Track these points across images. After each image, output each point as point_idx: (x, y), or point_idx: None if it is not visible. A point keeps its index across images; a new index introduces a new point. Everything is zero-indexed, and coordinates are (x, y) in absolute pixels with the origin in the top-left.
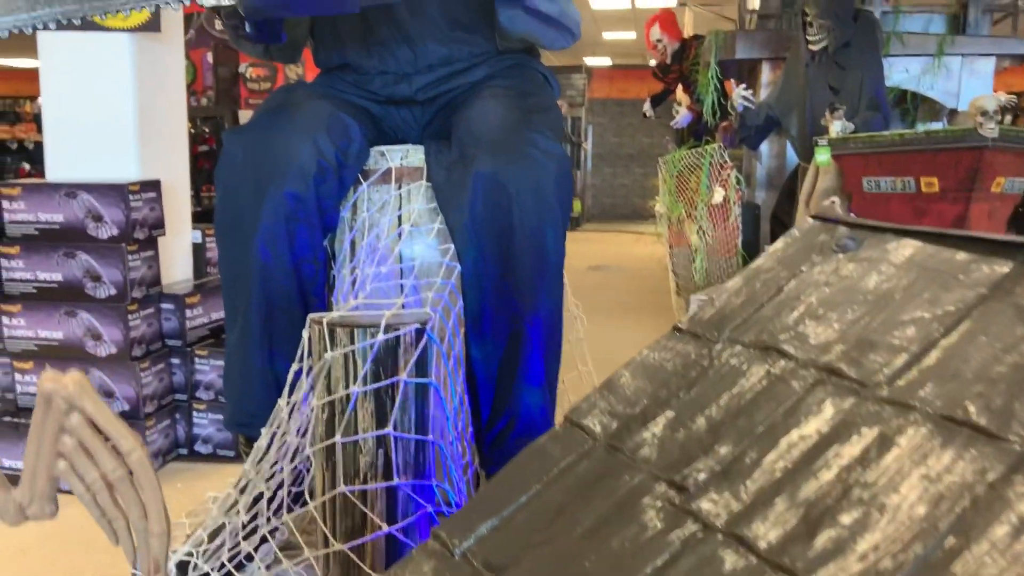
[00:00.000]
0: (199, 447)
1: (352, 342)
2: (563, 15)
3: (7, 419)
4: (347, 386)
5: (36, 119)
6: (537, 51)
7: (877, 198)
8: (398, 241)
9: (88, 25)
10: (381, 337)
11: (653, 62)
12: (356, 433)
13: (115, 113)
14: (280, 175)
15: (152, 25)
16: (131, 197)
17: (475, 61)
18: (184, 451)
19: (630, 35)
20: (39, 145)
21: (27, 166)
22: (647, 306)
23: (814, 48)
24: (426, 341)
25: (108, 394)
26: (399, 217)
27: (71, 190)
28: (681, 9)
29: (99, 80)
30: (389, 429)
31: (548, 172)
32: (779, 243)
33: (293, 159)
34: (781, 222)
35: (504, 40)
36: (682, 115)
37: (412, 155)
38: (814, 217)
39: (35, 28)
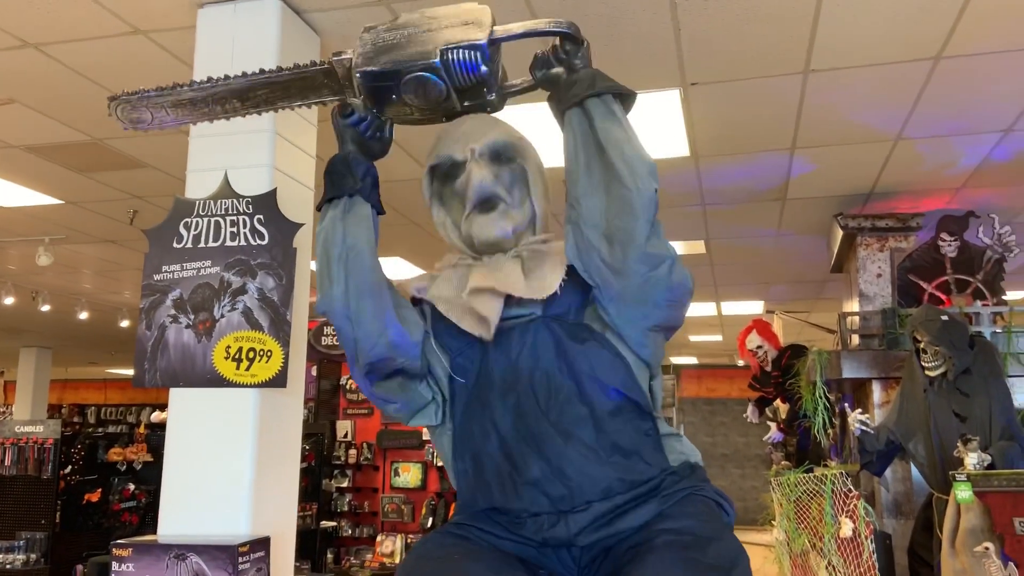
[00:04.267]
0: None
1: None
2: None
3: None
4: None
5: (147, 439)
6: (703, 470)
7: None
8: None
9: (219, 381)
10: None
11: (741, 362)
12: None
13: (233, 468)
14: None
15: (279, 380)
16: (240, 559)
17: (638, 494)
18: None
19: (716, 338)
20: (147, 465)
21: (132, 487)
22: None
23: (931, 374)
24: None
25: None
26: None
27: (181, 552)
28: (769, 316)
29: (222, 436)
30: None
31: None
32: None
33: None
34: (921, 558)
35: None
36: (772, 433)
37: None
38: None
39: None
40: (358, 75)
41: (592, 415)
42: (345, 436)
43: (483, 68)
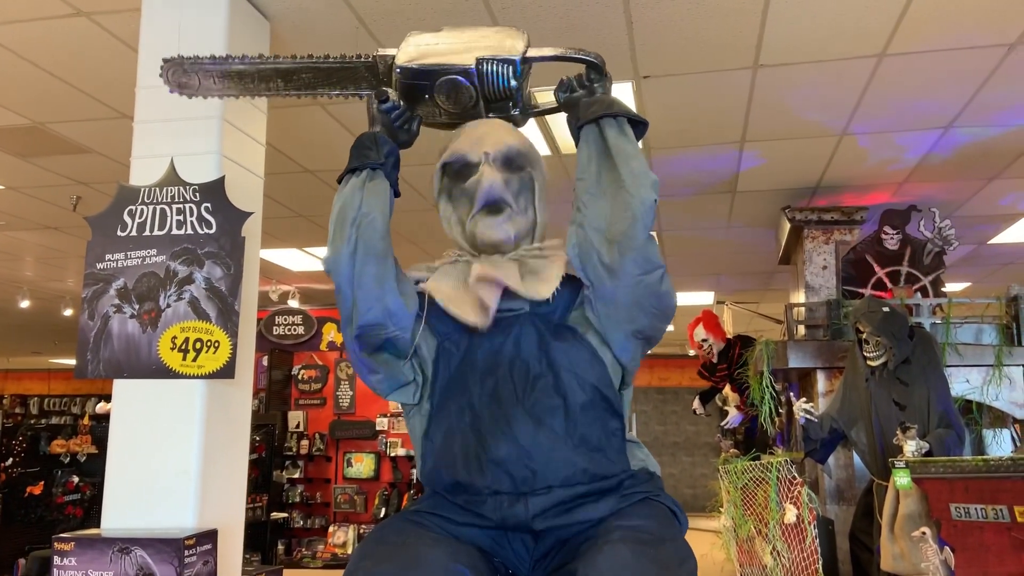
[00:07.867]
0: None
1: None
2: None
3: None
4: None
5: (92, 431)
6: (660, 480)
7: (969, 527)
8: None
9: (165, 372)
10: None
11: (692, 352)
12: None
13: (179, 460)
14: None
15: (226, 371)
16: (186, 552)
17: (598, 489)
18: None
19: (668, 328)
20: (91, 457)
21: (76, 479)
22: None
23: (872, 364)
24: None
25: None
26: None
27: (125, 546)
28: (720, 307)
29: (167, 428)
30: None
31: None
32: None
33: None
34: (861, 543)
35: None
36: (732, 416)
37: None
38: None
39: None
40: (398, 71)
41: (565, 406)
42: (297, 427)
43: (513, 82)
